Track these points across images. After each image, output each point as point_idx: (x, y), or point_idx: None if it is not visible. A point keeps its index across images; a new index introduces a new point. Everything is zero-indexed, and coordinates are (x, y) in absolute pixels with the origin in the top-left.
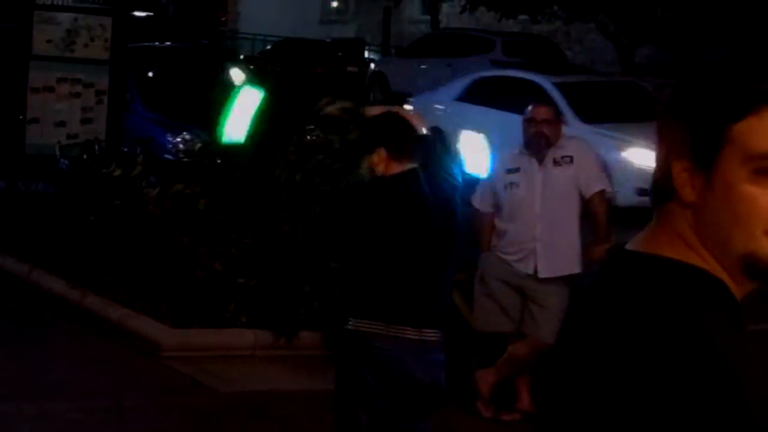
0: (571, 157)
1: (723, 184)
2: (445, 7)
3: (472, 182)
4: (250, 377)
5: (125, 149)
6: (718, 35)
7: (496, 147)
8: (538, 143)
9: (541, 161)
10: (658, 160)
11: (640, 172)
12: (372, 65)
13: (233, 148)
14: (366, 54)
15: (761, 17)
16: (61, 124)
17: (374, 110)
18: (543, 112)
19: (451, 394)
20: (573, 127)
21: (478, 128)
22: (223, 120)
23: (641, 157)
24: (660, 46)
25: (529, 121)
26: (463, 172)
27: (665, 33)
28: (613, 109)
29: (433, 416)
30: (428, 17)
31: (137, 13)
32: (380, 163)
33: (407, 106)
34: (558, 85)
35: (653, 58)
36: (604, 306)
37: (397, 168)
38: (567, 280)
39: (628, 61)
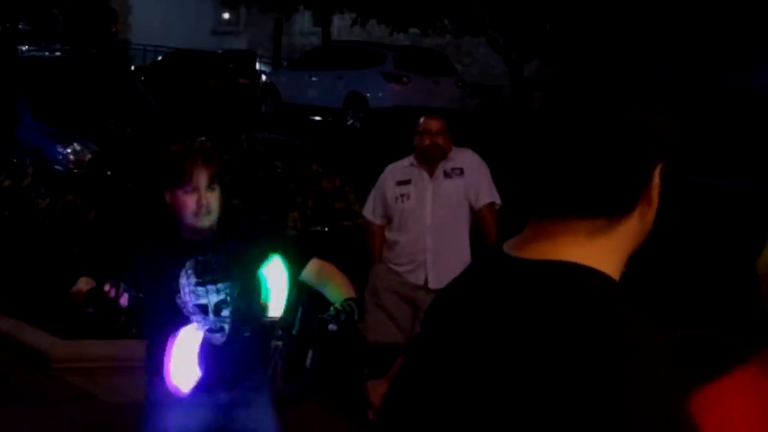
0: (461, 169)
1: (654, 198)
2: (336, 20)
3: None
4: (140, 388)
5: (15, 160)
6: (604, 49)
7: None
8: (434, 155)
9: (431, 173)
10: (612, 164)
11: None
12: (263, 77)
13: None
14: (257, 66)
15: (639, 31)
16: None
17: None
18: (437, 124)
19: (343, 403)
20: None
21: None
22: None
23: None
24: (548, 60)
25: (423, 133)
26: None
27: (553, 47)
28: None
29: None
30: (319, 30)
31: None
32: None
33: None
34: None
35: (541, 72)
36: (538, 320)
37: None
38: None
39: (517, 75)
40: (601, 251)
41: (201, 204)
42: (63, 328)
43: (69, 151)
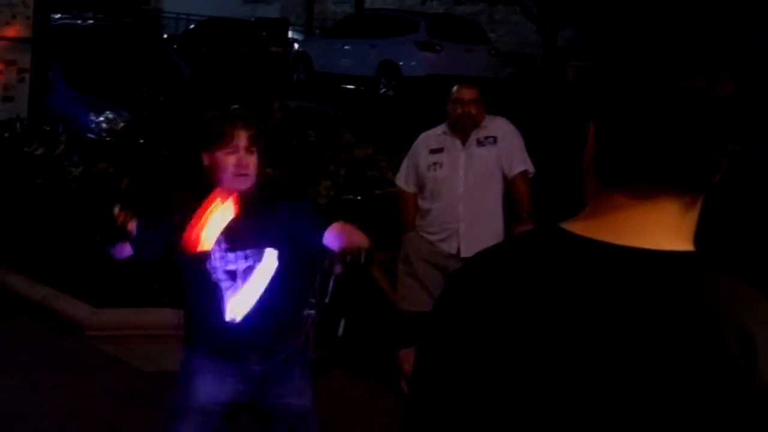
0: (495, 138)
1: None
2: None
3: None
4: (172, 356)
5: (47, 128)
6: (638, 18)
7: None
8: (465, 124)
9: (464, 142)
10: (708, 137)
11: None
12: (296, 45)
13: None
14: (290, 34)
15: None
16: None
17: None
18: (470, 93)
19: (375, 373)
20: None
21: None
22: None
23: None
24: (582, 29)
25: (455, 102)
26: None
27: (587, 15)
28: None
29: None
30: None
31: None
32: None
33: None
34: None
35: (575, 41)
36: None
37: None
38: None
39: (551, 43)
40: (688, 231)
41: (241, 164)
42: (96, 296)
43: (102, 119)
